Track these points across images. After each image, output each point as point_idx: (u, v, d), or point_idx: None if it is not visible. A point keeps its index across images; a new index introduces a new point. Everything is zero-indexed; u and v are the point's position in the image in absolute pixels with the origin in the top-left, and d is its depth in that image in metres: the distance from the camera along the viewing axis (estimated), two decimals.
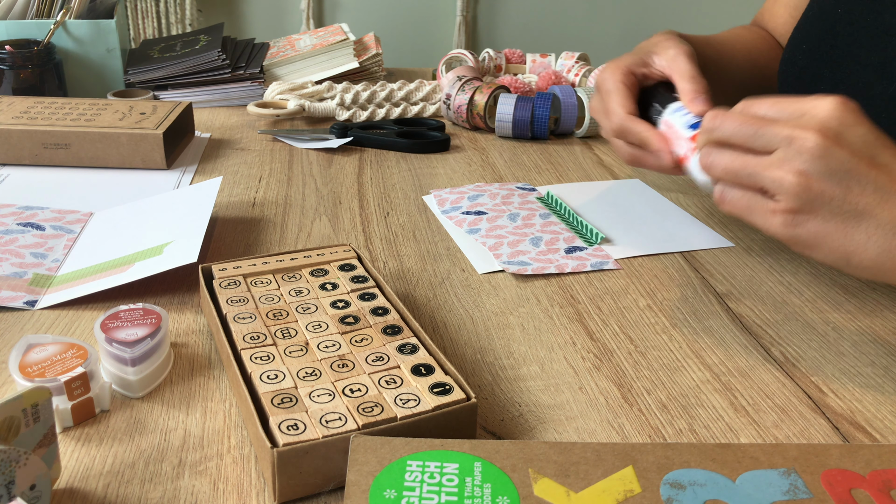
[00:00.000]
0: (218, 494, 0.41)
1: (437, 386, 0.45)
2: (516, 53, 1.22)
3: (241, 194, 0.80)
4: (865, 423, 0.48)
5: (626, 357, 0.54)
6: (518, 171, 0.88)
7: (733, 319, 0.59)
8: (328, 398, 0.44)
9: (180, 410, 0.47)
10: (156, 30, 2.13)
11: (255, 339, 0.49)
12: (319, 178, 0.84)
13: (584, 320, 0.59)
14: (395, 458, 0.39)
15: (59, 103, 0.91)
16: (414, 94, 1.08)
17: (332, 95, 1.06)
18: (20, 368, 0.45)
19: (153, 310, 0.51)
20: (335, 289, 0.56)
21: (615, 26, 2.32)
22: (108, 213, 0.73)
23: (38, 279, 0.61)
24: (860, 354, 0.55)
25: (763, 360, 0.54)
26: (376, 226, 0.73)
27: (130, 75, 1.07)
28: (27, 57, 0.99)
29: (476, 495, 0.37)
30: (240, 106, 1.09)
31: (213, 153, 0.91)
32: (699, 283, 0.64)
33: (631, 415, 0.48)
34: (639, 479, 0.38)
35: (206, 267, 0.58)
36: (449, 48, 2.26)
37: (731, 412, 0.49)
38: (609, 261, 0.67)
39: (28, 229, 0.69)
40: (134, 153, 0.85)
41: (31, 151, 0.84)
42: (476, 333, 0.57)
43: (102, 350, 0.48)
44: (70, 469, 0.42)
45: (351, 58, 1.17)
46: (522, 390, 0.50)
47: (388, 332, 0.51)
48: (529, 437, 0.46)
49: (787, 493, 0.38)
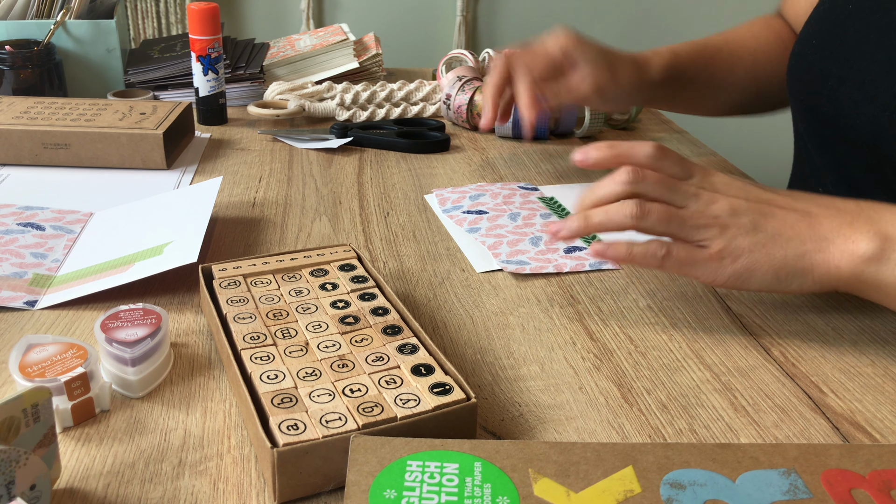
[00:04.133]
0: (218, 494, 0.41)
1: (437, 386, 0.45)
2: None
3: (241, 194, 0.80)
4: (865, 423, 0.48)
5: (626, 357, 0.54)
6: (518, 171, 0.88)
7: (733, 319, 0.59)
8: (328, 398, 0.44)
9: (180, 410, 0.47)
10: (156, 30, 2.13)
11: (255, 339, 0.49)
12: (319, 178, 0.84)
13: (584, 320, 0.59)
14: (395, 458, 0.39)
15: (59, 103, 0.91)
16: (414, 94, 1.08)
17: (332, 95, 1.06)
18: (20, 368, 0.45)
19: (153, 310, 0.51)
20: (335, 289, 0.56)
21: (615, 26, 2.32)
22: (108, 213, 0.73)
23: (38, 279, 0.61)
24: (860, 354, 0.55)
25: (763, 360, 0.54)
26: (376, 226, 0.73)
27: (130, 75, 1.07)
28: (27, 57, 0.99)
29: (476, 495, 0.37)
30: (240, 106, 1.09)
31: (213, 153, 0.91)
32: (699, 283, 0.64)
33: (631, 415, 0.48)
34: (639, 479, 0.38)
35: (206, 267, 0.58)
36: (449, 48, 2.26)
37: (731, 412, 0.49)
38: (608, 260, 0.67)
39: (28, 229, 0.69)
40: (134, 153, 0.85)
41: (31, 151, 0.84)
42: (476, 333, 0.57)
43: (102, 350, 0.48)
44: (70, 469, 0.42)
45: (351, 58, 1.17)
46: (522, 390, 0.50)
47: (388, 332, 0.51)
48: (529, 437, 0.46)
49: (787, 493, 0.38)
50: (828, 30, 0.72)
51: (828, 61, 0.70)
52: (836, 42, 0.70)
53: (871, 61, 0.66)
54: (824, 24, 0.73)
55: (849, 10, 0.70)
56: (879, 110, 0.63)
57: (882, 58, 0.65)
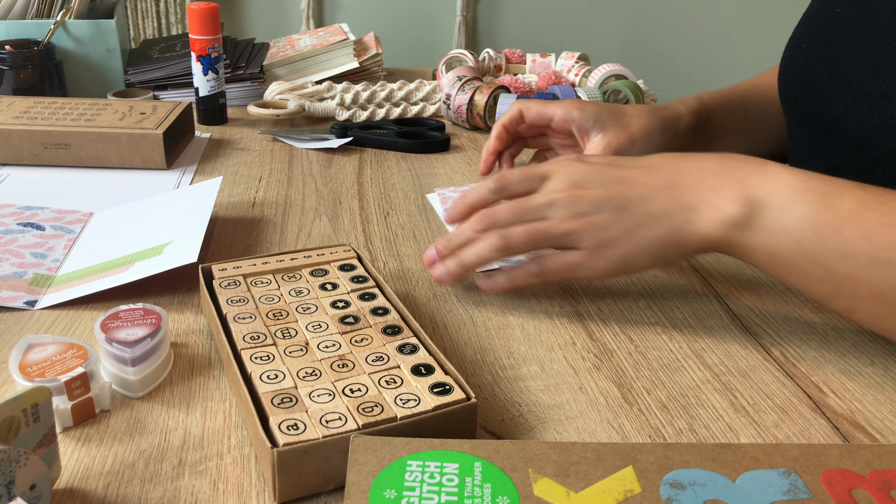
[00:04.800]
0: (218, 494, 0.41)
1: (437, 386, 0.45)
2: (516, 53, 1.23)
3: (241, 194, 0.80)
4: (865, 423, 0.48)
5: (626, 357, 0.54)
6: None
7: (733, 319, 0.59)
8: (328, 398, 0.44)
9: (180, 410, 0.47)
10: (156, 30, 2.13)
11: (255, 339, 0.49)
12: (319, 178, 0.84)
13: (584, 320, 0.59)
14: (395, 458, 0.39)
15: (59, 103, 0.91)
16: (414, 94, 1.08)
17: (332, 95, 1.06)
18: (20, 368, 0.45)
19: (153, 310, 0.51)
20: (335, 289, 0.56)
21: (615, 26, 2.32)
22: (108, 213, 0.73)
23: (38, 279, 0.61)
24: (860, 354, 0.55)
25: (763, 360, 0.54)
26: (376, 226, 0.73)
27: (130, 75, 1.07)
28: (27, 57, 0.99)
29: (476, 495, 0.37)
30: (240, 106, 1.09)
31: (213, 153, 0.91)
32: (699, 283, 0.64)
33: (631, 415, 0.48)
34: (639, 479, 0.38)
35: (206, 267, 0.58)
36: (449, 48, 2.26)
37: (731, 412, 0.49)
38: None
39: (28, 229, 0.69)
40: (134, 153, 0.85)
41: (31, 151, 0.84)
42: (476, 333, 0.57)
43: (102, 350, 0.48)
44: (70, 469, 0.42)
45: (351, 58, 1.17)
46: (522, 390, 0.50)
47: (388, 332, 0.51)
48: (529, 437, 0.46)
49: (787, 493, 0.38)
50: (817, 34, 0.72)
51: (817, 64, 0.71)
52: (825, 45, 0.70)
53: (859, 63, 0.66)
54: (813, 28, 0.73)
55: (837, 13, 0.70)
56: (868, 111, 0.64)
57: (869, 59, 0.65)
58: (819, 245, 0.49)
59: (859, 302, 0.49)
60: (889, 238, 0.47)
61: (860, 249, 0.48)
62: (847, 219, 0.48)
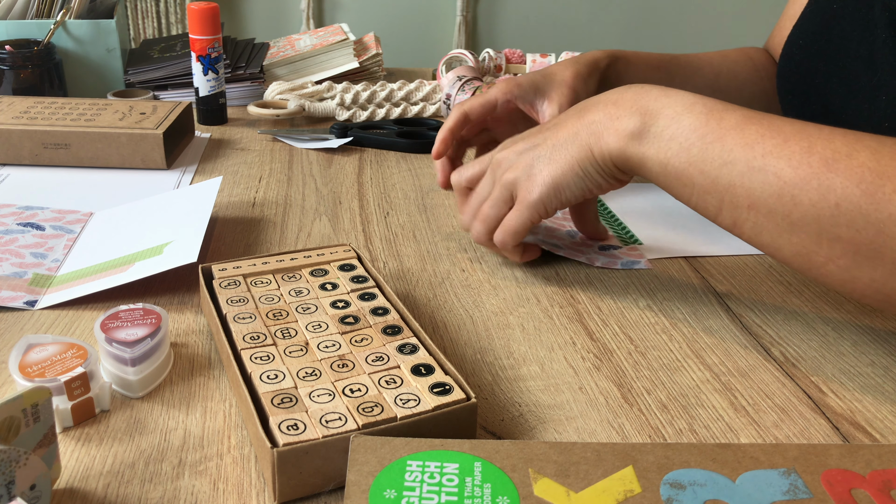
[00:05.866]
0: (218, 494, 0.41)
1: (437, 386, 0.45)
2: (516, 53, 1.23)
3: (241, 194, 0.80)
4: (865, 423, 0.48)
5: (626, 357, 0.54)
6: None
7: (733, 319, 0.59)
8: (328, 398, 0.44)
9: (180, 410, 0.47)
10: (156, 30, 2.13)
11: (255, 339, 0.49)
12: (319, 178, 0.84)
13: (584, 320, 0.59)
14: (395, 458, 0.39)
15: (59, 103, 0.91)
16: (414, 94, 1.08)
17: (332, 95, 1.06)
18: (20, 368, 0.45)
19: (153, 310, 0.51)
20: (335, 289, 0.56)
21: (615, 26, 2.32)
22: (108, 213, 0.73)
23: (38, 279, 0.61)
24: (860, 354, 0.55)
25: (763, 360, 0.54)
26: (376, 226, 0.74)
27: (130, 75, 1.07)
28: (27, 57, 0.99)
29: (476, 495, 0.37)
30: (240, 106, 1.09)
31: (213, 153, 0.91)
32: (699, 283, 0.64)
33: (631, 415, 0.48)
34: (639, 479, 0.38)
35: (206, 267, 0.58)
36: (449, 48, 2.26)
37: (731, 412, 0.49)
38: (641, 261, 0.67)
39: (28, 229, 0.69)
40: (134, 153, 0.85)
41: (31, 151, 0.84)
42: (476, 333, 0.57)
43: (102, 350, 0.48)
44: (70, 469, 0.42)
45: (351, 58, 1.17)
46: (522, 390, 0.50)
47: (388, 332, 0.51)
48: (529, 437, 0.46)
49: (787, 493, 0.38)
50: (813, 30, 0.73)
51: (814, 59, 0.71)
52: (822, 40, 0.71)
53: (854, 57, 0.67)
54: (810, 24, 0.74)
55: (833, 9, 0.71)
56: (863, 104, 0.64)
57: (864, 53, 0.65)
58: (704, 153, 0.50)
59: (740, 213, 0.49)
60: (765, 146, 0.48)
61: (738, 156, 0.49)
62: (730, 129, 0.50)
